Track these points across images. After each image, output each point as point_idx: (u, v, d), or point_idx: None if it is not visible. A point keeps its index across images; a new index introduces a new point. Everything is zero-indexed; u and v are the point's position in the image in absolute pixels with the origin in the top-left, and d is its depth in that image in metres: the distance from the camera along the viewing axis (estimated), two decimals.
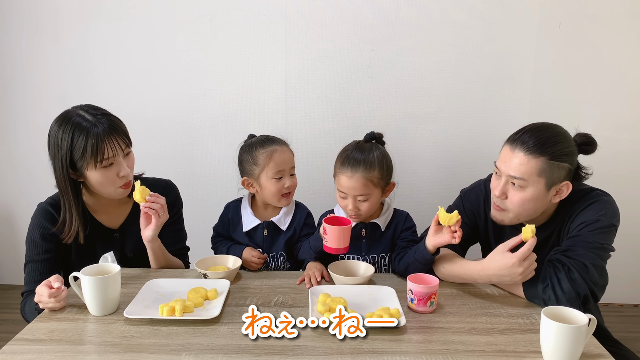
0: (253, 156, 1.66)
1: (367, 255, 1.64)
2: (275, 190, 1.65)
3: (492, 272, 1.34)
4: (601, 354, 1.13)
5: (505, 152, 1.40)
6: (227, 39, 2.48)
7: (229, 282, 1.42)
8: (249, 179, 1.69)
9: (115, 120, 1.48)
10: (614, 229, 1.39)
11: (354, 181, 1.56)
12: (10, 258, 2.89)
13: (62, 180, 1.45)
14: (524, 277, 1.31)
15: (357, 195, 1.57)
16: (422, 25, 2.42)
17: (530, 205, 1.39)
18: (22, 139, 2.67)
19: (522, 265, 1.28)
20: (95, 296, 1.26)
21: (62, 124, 1.43)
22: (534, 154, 1.33)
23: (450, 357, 1.10)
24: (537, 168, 1.34)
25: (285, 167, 1.66)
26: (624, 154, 2.53)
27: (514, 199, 1.38)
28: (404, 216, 1.71)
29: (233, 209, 1.77)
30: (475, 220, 1.61)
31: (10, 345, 1.14)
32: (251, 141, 1.71)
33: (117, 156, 1.45)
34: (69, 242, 1.51)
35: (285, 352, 1.12)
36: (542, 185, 1.35)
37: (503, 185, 1.39)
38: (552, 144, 1.34)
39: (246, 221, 1.72)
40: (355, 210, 1.59)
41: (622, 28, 2.40)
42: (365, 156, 1.58)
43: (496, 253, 1.34)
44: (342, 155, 1.62)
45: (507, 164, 1.38)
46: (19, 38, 2.54)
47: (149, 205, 1.48)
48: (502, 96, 2.49)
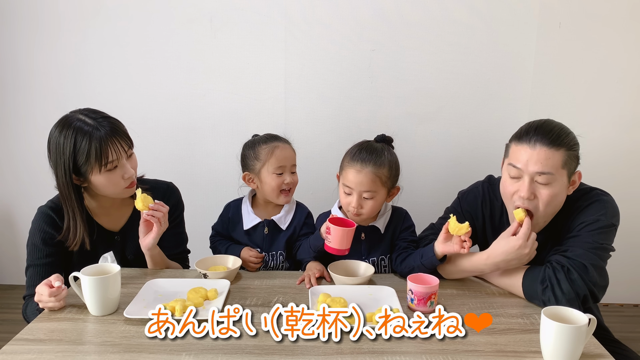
0: (255, 151, 1.69)
1: (367, 258, 1.63)
2: (275, 185, 1.66)
3: (499, 258, 1.36)
4: (601, 354, 1.12)
5: (521, 149, 1.36)
6: (227, 39, 2.48)
7: (229, 282, 1.42)
8: (250, 174, 1.71)
9: (116, 123, 1.48)
10: (614, 228, 1.39)
11: (362, 175, 1.54)
12: (10, 258, 2.89)
13: (65, 187, 1.44)
14: (530, 257, 1.33)
15: (364, 191, 1.55)
16: (423, 25, 2.42)
17: (557, 200, 1.38)
18: (22, 139, 2.67)
19: (528, 245, 1.31)
20: (95, 296, 1.26)
21: (62, 129, 1.42)
22: (556, 146, 1.33)
23: (450, 357, 1.10)
24: (561, 160, 1.33)
25: (286, 164, 1.68)
26: (624, 153, 2.53)
27: (543, 197, 1.35)
28: (402, 215, 1.70)
29: (233, 208, 1.78)
30: (473, 222, 1.60)
31: (10, 345, 1.14)
32: (254, 139, 1.75)
33: (120, 158, 1.46)
34: (75, 249, 1.50)
35: (285, 352, 1.12)
36: (565, 178, 1.36)
37: (529, 185, 1.35)
38: (565, 134, 1.36)
39: (247, 219, 1.73)
40: (357, 209, 1.56)
41: (622, 28, 2.40)
42: (376, 154, 1.57)
43: (500, 239, 1.36)
44: (352, 151, 1.60)
45: (532, 161, 1.34)
46: (19, 38, 2.55)
47: (152, 214, 1.47)
48: (502, 96, 2.49)
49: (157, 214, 1.48)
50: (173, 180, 1.76)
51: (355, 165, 1.56)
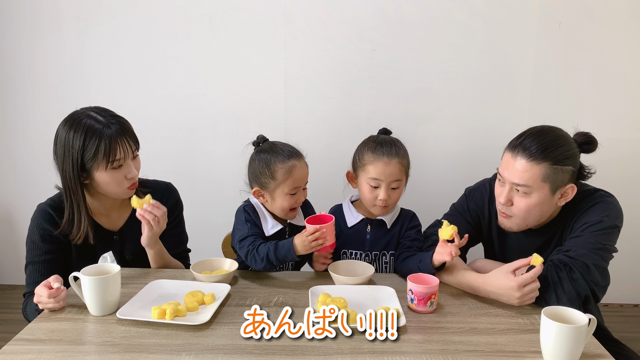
0: (270, 170, 1.55)
1: (370, 251, 1.64)
2: (287, 205, 1.58)
3: (491, 288, 1.34)
4: (601, 354, 1.12)
5: (507, 159, 1.40)
6: (227, 39, 2.48)
7: (228, 286, 1.40)
8: (262, 190, 1.59)
9: (125, 123, 1.50)
10: (617, 230, 1.39)
11: (392, 166, 1.55)
12: (10, 258, 2.89)
13: (72, 181, 1.45)
14: (520, 302, 1.29)
15: (393, 181, 1.56)
16: (423, 25, 2.43)
17: (536, 211, 1.38)
18: (22, 139, 2.67)
19: (521, 290, 1.27)
20: (95, 296, 1.26)
21: (72, 125, 1.43)
22: (537, 160, 1.33)
23: (450, 357, 1.10)
24: (541, 174, 1.33)
25: (301, 184, 1.60)
26: (624, 153, 2.53)
27: (519, 206, 1.38)
28: (410, 215, 1.71)
29: (252, 212, 1.63)
30: (479, 220, 1.61)
31: (10, 345, 1.14)
32: (266, 149, 1.59)
33: (127, 158, 1.47)
34: (79, 242, 1.51)
35: (285, 352, 1.12)
36: (546, 190, 1.35)
37: (507, 192, 1.39)
38: (553, 148, 1.34)
39: (267, 225, 1.62)
40: (386, 200, 1.57)
41: (622, 28, 2.40)
42: (395, 145, 1.59)
43: (499, 271, 1.33)
44: (371, 146, 1.60)
45: (510, 171, 1.37)
46: (19, 38, 2.54)
47: (142, 213, 1.46)
48: (502, 96, 2.49)
49: (148, 215, 1.46)
50: (173, 180, 1.76)
51: (382, 157, 1.56)
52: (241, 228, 1.58)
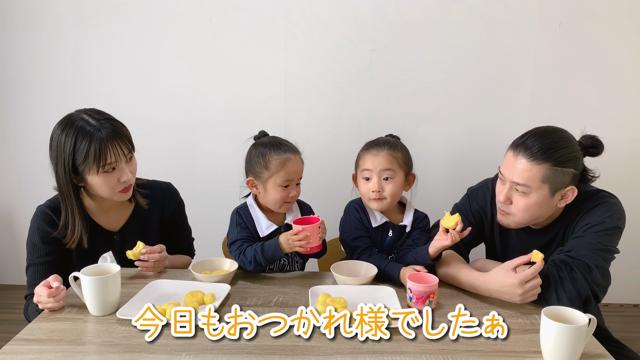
0: (265, 160, 1.59)
1: (388, 255, 1.66)
2: (279, 197, 1.60)
3: (492, 286, 1.33)
4: (601, 354, 1.12)
5: (509, 157, 1.40)
6: (227, 39, 2.48)
7: (228, 286, 1.40)
8: (255, 180, 1.63)
9: (118, 126, 1.47)
10: (619, 231, 1.39)
11: (380, 157, 1.59)
12: (10, 258, 2.89)
13: (65, 184, 1.45)
14: (522, 299, 1.29)
15: (383, 170, 1.59)
16: (423, 25, 2.43)
17: (535, 210, 1.39)
18: (22, 139, 2.67)
19: (523, 287, 1.27)
20: (95, 296, 1.26)
21: (65, 127, 1.42)
22: (537, 160, 1.33)
23: (450, 357, 1.10)
24: (541, 174, 1.33)
25: (294, 177, 1.61)
26: (624, 153, 2.53)
27: (518, 205, 1.39)
28: (422, 217, 1.72)
29: (245, 215, 1.65)
30: (482, 219, 1.61)
31: (10, 345, 1.14)
32: (265, 142, 1.63)
33: (119, 161, 1.45)
34: (72, 246, 1.51)
35: (285, 352, 1.12)
36: (546, 191, 1.35)
37: (507, 191, 1.40)
38: (555, 149, 1.34)
39: (261, 226, 1.63)
40: (379, 192, 1.58)
41: (622, 28, 2.40)
42: (389, 142, 1.64)
43: (500, 269, 1.33)
44: (367, 144, 1.67)
45: (511, 170, 1.38)
46: (19, 38, 2.55)
47: (141, 265, 1.50)
48: (502, 96, 2.49)
49: (148, 264, 1.50)
50: (173, 180, 1.76)
51: (371, 150, 1.62)
52: (232, 231, 1.63)
